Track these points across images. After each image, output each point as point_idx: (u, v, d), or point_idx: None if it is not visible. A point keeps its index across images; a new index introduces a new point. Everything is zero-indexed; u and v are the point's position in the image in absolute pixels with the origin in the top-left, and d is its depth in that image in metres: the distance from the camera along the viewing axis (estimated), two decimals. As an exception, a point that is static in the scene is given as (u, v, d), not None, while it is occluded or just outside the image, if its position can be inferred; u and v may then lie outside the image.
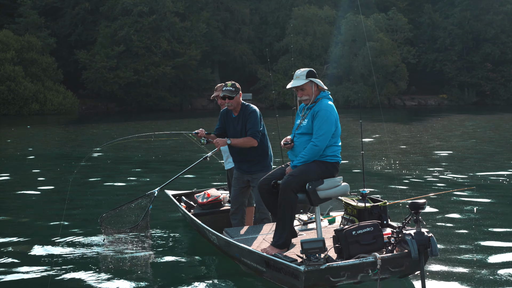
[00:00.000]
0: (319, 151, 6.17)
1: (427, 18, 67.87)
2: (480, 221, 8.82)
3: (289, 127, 6.67)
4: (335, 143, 6.31)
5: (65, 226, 8.82)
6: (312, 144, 6.16)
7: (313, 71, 6.42)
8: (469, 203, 10.12)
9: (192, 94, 61.21)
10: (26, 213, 10.19)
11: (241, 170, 7.44)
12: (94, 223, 8.60)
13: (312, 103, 6.34)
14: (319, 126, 6.16)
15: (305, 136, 6.31)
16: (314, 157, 6.19)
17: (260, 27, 67.77)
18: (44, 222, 9.35)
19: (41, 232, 8.65)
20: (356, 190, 7.79)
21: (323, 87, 6.38)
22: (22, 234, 8.46)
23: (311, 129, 6.24)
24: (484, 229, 8.31)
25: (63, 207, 9.90)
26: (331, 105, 6.31)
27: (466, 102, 64.90)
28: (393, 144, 21.91)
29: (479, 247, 7.40)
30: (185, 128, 31.52)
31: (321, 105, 6.26)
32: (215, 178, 13.67)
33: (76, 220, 9.32)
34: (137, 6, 57.12)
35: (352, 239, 5.73)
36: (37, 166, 17.18)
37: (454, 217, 9.07)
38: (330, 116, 6.21)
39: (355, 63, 59.90)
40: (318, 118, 6.18)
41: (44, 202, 11.31)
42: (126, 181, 13.65)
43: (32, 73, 51.92)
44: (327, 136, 6.18)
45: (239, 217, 7.51)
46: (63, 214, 9.39)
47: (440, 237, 7.68)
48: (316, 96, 6.36)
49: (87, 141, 25.86)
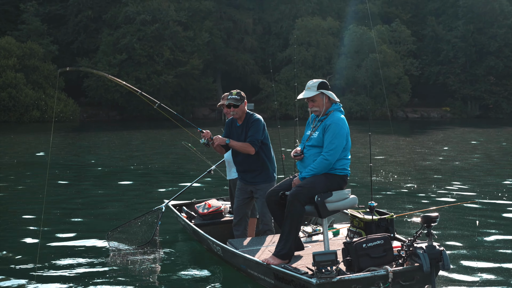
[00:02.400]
0: (329, 165, 6.12)
1: (430, 30, 67.77)
2: (483, 234, 8.80)
3: (290, 138, 6.55)
4: (345, 156, 6.27)
5: (66, 240, 8.60)
6: (322, 158, 6.11)
7: (325, 83, 6.37)
8: (471, 216, 10.14)
9: (194, 103, 61.05)
10: (19, 227, 9.90)
11: (244, 181, 7.34)
12: (101, 237, 8.46)
13: (324, 115, 6.31)
14: (330, 140, 6.12)
15: (316, 149, 6.26)
16: (323, 170, 6.14)
17: (263, 37, 67.70)
18: (44, 235, 8.99)
19: (43, 246, 8.33)
20: (362, 202, 7.61)
21: (334, 99, 6.34)
22: (20, 248, 8.19)
23: (321, 142, 6.20)
24: (488, 243, 8.30)
25: (65, 220, 9.73)
26: (342, 118, 6.27)
27: (469, 115, 64.67)
28: (396, 156, 21.70)
29: (486, 259, 7.35)
30: (185, 139, 31.22)
31: (333, 118, 6.21)
32: (212, 187, 13.47)
33: (81, 234, 9.01)
34: (140, 15, 57.07)
35: (362, 251, 5.68)
36: (35, 173, 16.91)
37: (457, 230, 9.07)
38: (341, 130, 6.16)
39: (358, 75, 59.76)
40: (330, 131, 6.14)
41: (37, 212, 11.01)
42: (124, 194, 13.34)
43: (33, 80, 51.78)
44: (338, 150, 6.13)
45: (242, 228, 7.41)
46: (64, 228, 9.23)
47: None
48: (327, 108, 6.32)
49: (85, 150, 25.60)
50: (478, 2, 64.00)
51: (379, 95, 58.67)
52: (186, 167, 18.48)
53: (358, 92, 59.65)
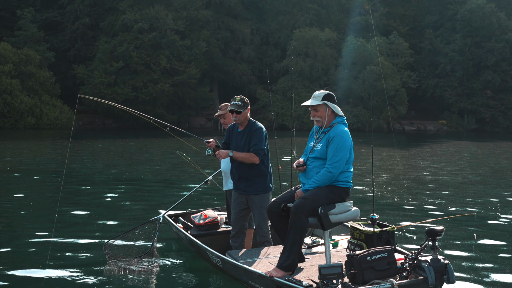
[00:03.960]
0: (332, 177, 6.12)
1: (428, 43, 67.88)
2: (483, 246, 8.86)
3: (287, 149, 6.43)
4: (348, 169, 6.28)
5: (64, 250, 8.40)
6: (326, 170, 6.11)
7: (331, 95, 6.37)
8: (470, 228, 10.22)
9: (190, 112, 60.85)
10: (15, 232, 9.65)
11: (239, 190, 7.24)
12: (97, 248, 8.33)
13: (327, 127, 6.32)
14: (334, 152, 6.12)
15: (319, 161, 6.26)
16: (327, 182, 6.14)
17: (260, 47, 67.65)
18: (39, 244, 8.81)
19: (38, 255, 8.15)
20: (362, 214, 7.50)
21: (338, 113, 6.34)
22: (13, 258, 7.97)
23: (325, 154, 6.21)
24: (490, 255, 8.33)
25: (62, 228, 9.58)
26: (346, 131, 6.28)
27: (466, 129, 64.69)
28: (392, 168, 21.60)
29: (488, 271, 7.40)
30: (179, 148, 31.14)
31: (337, 131, 6.22)
32: (205, 197, 13.28)
33: (76, 244, 8.84)
34: (137, 23, 56.91)
35: (366, 264, 5.66)
36: (26, 182, 16.67)
37: (456, 242, 9.09)
38: (345, 143, 6.16)
39: (355, 86, 59.72)
40: (333, 144, 6.14)
41: (34, 222, 10.77)
42: (119, 203, 13.08)
43: (29, 87, 51.47)
44: (342, 163, 6.13)
45: (240, 240, 7.35)
46: (58, 236, 9.05)
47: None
48: (330, 120, 6.33)
49: (78, 157, 25.34)
50: (476, 16, 64.19)
51: (375, 107, 58.62)
52: (180, 177, 18.24)
53: (355, 104, 59.57)
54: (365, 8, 68.15)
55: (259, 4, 67.95)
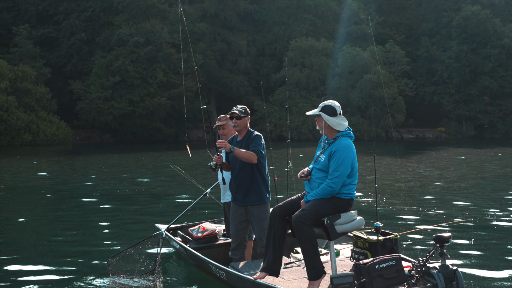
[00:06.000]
0: (333, 192, 6.07)
1: (424, 51, 67.98)
2: (485, 252, 8.85)
3: (284, 160, 6.40)
4: (352, 182, 6.24)
5: (65, 266, 8.28)
6: (326, 185, 6.07)
7: (330, 107, 6.27)
8: (472, 234, 10.20)
9: (188, 125, 60.71)
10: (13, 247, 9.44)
11: (237, 202, 7.24)
12: (98, 265, 8.26)
13: (332, 139, 6.26)
14: (335, 167, 6.08)
15: (322, 173, 6.22)
16: (327, 196, 6.09)
17: (257, 58, 67.68)
18: (37, 261, 8.63)
19: (39, 272, 8.02)
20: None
21: (333, 127, 6.24)
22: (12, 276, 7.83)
23: (327, 167, 6.17)
24: (496, 260, 8.31)
25: (58, 245, 9.48)
26: (349, 145, 6.20)
27: (464, 135, 64.62)
28: (394, 177, 21.50)
29: (495, 278, 7.37)
30: (174, 161, 31.01)
31: (339, 145, 6.16)
32: (199, 210, 13.07)
33: (81, 262, 8.68)
34: (133, 37, 56.84)
35: (375, 273, 5.69)
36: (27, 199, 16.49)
37: (458, 249, 9.07)
38: (346, 157, 6.10)
39: (352, 95, 59.69)
40: (335, 159, 6.10)
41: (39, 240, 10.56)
42: (115, 218, 12.90)
43: (25, 103, 51.25)
44: (342, 178, 6.07)
45: (241, 253, 7.32)
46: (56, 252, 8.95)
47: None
48: (329, 131, 6.29)
49: (75, 174, 25.16)
50: (471, 23, 64.29)
51: (373, 116, 58.52)
52: (175, 190, 18.04)
53: (353, 113, 59.47)
54: (360, 17, 68.29)
55: (255, 16, 68.04)
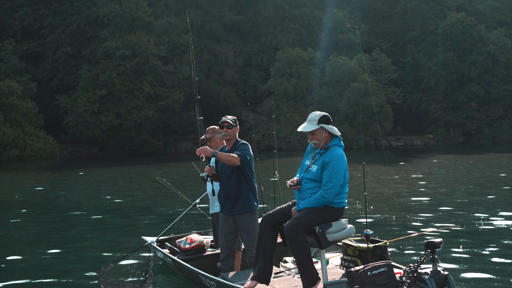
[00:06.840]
0: (326, 202, 6.09)
1: (411, 59, 68.35)
2: (475, 256, 8.97)
3: (269, 171, 6.41)
4: (343, 191, 6.25)
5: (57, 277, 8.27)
6: (320, 195, 6.07)
7: (327, 117, 6.30)
8: (459, 239, 10.28)
9: (176, 137, 60.54)
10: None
11: (226, 211, 7.21)
12: (88, 277, 8.27)
13: (323, 149, 6.26)
14: (329, 178, 6.08)
15: (313, 183, 6.21)
16: (320, 206, 6.10)
17: (244, 69, 67.73)
18: (28, 273, 8.63)
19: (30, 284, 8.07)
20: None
21: (335, 134, 6.29)
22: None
23: (319, 177, 6.16)
24: (485, 265, 8.43)
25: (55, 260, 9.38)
26: (341, 155, 6.22)
27: (452, 142, 64.87)
28: (383, 184, 21.45)
29: (482, 282, 7.48)
30: (162, 173, 30.79)
31: (332, 155, 6.15)
32: (184, 222, 12.97)
33: (68, 275, 8.64)
34: (119, 50, 56.60)
35: (367, 279, 5.78)
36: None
37: (448, 255, 9.11)
38: (340, 168, 6.11)
39: (340, 104, 59.82)
40: (328, 169, 6.09)
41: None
42: (102, 231, 12.83)
43: (11, 119, 50.92)
44: (336, 188, 6.10)
45: (230, 263, 7.30)
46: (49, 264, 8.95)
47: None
48: (327, 142, 6.28)
49: (62, 188, 24.90)
50: (456, 30, 64.74)
51: (361, 124, 58.65)
52: (161, 202, 17.92)
53: (341, 122, 59.52)
54: (347, 26, 68.55)
55: (241, 26, 68.12)
